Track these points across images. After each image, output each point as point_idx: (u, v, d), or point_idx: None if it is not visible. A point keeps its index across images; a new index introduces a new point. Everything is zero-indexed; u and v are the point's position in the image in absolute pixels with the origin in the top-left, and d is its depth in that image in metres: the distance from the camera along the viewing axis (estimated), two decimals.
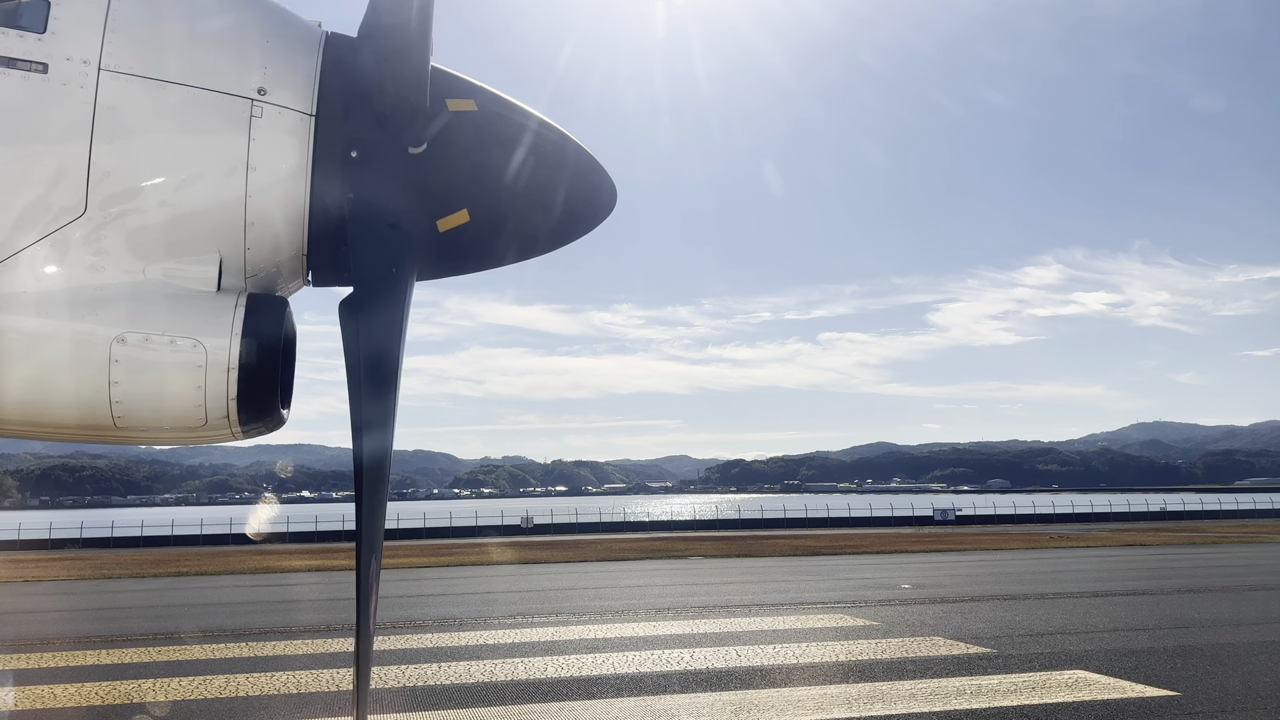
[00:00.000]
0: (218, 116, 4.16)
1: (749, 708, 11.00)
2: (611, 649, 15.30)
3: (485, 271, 5.17)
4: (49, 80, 4.00)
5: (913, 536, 58.61)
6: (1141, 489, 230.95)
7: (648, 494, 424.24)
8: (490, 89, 4.73)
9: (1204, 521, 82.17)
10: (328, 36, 4.49)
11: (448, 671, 13.47)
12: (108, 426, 4.16)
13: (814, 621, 18.45)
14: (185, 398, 4.11)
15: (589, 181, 4.95)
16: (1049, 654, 14.12)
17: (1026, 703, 10.93)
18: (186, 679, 13.15)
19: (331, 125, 4.32)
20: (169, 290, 4.17)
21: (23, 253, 4.02)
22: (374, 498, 4.14)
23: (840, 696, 11.47)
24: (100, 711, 11.40)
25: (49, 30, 4.03)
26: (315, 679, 13.00)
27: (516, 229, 4.85)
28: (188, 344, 4.09)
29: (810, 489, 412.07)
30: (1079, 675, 12.43)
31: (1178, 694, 11.21)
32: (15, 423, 4.20)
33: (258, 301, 4.29)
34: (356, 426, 4.13)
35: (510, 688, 12.32)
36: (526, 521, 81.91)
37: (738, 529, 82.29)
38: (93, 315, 4.05)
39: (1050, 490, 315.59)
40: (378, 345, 4.19)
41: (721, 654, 14.59)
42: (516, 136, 4.68)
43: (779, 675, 12.86)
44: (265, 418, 4.36)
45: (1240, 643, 14.97)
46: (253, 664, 14.47)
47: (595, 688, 12.25)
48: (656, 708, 11.10)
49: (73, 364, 4.04)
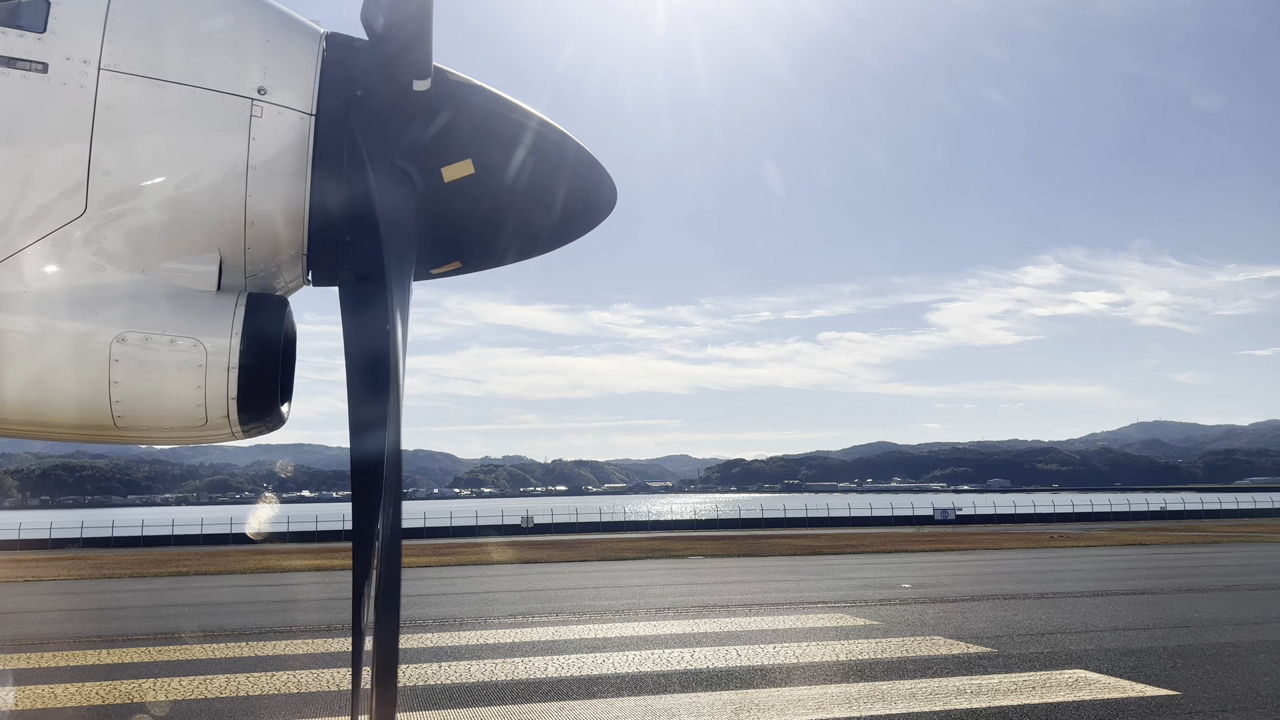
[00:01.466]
0: (218, 116, 4.16)
1: (749, 707, 11.00)
2: (611, 648, 15.30)
3: (485, 271, 5.19)
4: (49, 80, 4.00)
5: (913, 536, 58.60)
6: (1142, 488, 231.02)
7: (648, 493, 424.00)
8: (490, 88, 4.73)
9: (1204, 521, 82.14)
10: (328, 36, 4.49)
11: (448, 671, 13.47)
12: (108, 426, 4.16)
13: (814, 621, 18.46)
14: (185, 397, 4.10)
15: (589, 181, 4.95)
16: (1049, 653, 14.12)
17: (1027, 702, 10.93)
18: (187, 679, 13.16)
19: (332, 124, 4.31)
20: (169, 290, 4.16)
21: (23, 252, 4.01)
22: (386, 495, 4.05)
23: (840, 696, 11.47)
24: (101, 711, 11.41)
25: (49, 30, 4.02)
26: (315, 679, 13.01)
27: (517, 225, 4.85)
28: (188, 343, 4.08)
29: (810, 489, 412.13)
30: (1079, 675, 12.44)
31: (1178, 693, 11.22)
32: (16, 422, 4.20)
33: (258, 301, 4.29)
34: (356, 424, 4.11)
35: (510, 687, 12.33)
36: (526, 521, 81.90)
37: (738, 529, 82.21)
38: (93, 315, 4.05)
39: (1050, 490, 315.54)
40: (379, 341, 4.18)
41: (721, 653, 14.60)
42: (517, 135, 4.68)
43: (779, 675, 12.86)
44: (265, 417, 4.35)
45: (1240, 642, 14.98)
46: (253, 664, 14.48)
47: (595, 687, 12.26)
48: (656, 707, 11.10)
49: (73, 363, 4.04)
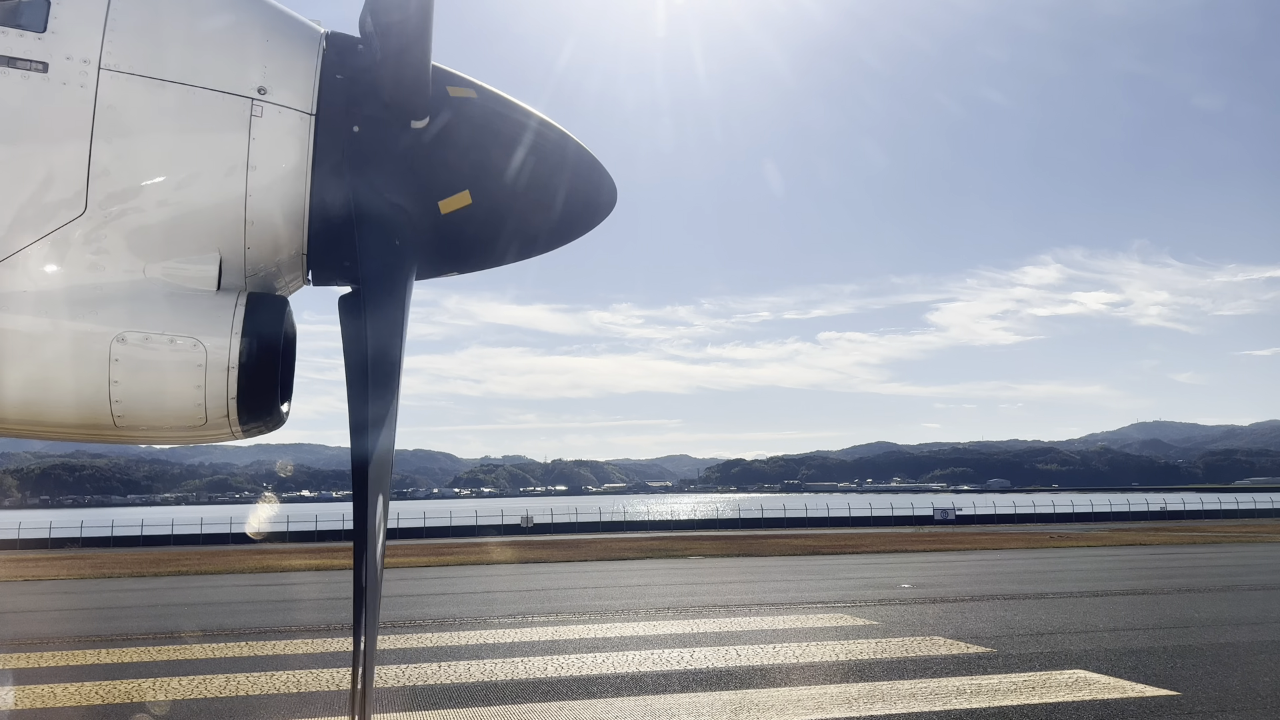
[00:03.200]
0: (218, 116, 4.15)
1: (748, 707, 11.00)
2: (611, 648, 15.30)
3: (485, 271, 5.18)
4: (49, 79, 3.99)
5: (913, 536, 58.59)
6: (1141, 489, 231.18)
7: (647, 493, 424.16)
8: (491, 88, 4.73)
9: (1204, 521, 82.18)
10: (328, 35, 4.48)
11: (447, 671, 13.47)
12: (108, 426, 4.15)
13: (814, 621, 18.46)
14: (185, 397, 4.10)
15: (589, 180, 4.94)
16: (1049, 653, 14.12)
17: (1026, 702, 10.93)
18: (186, 678, 13.15)
19: (332, 124, 4.30)
20: (169, 289, 4.16)
21: (22, 252, 4.01)
22: (375, 497, 4.08)
23: (840, 696, 11.47)
24: (100, 711, 11.40)
25: (49, 29, 4.01)
26: (315, 678, 13.00)
27: (517, 225, 4.84)
28: (188, 343, 4.08)
29: (810, 488, 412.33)
30: (1079, 675, 12.43)
31: (1177, 693, 11.22)
32: (15, 422, 4.19)
33: (258, 301, 4.28)
34: (355, 425, 4.10)
35: (510, 687, 12.32)
36: (526, 521, 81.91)
37: (737, 528, 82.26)
38: (93, 314, 4.04)
39: (1050, 490, 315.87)
40: (378, 343, 4.16)
41: (721, 653, 14.59)
42: (517, 134, 4.67)
43: (778, 675, 12.86)
44: (265, 417, 4.34)
45: (1240, 642, 14.98)
46: (253, 663, 14.47)
47: (595, 687, 12.26)
48: (656, 707, 11.10)
49: (73, 363, 4.03)
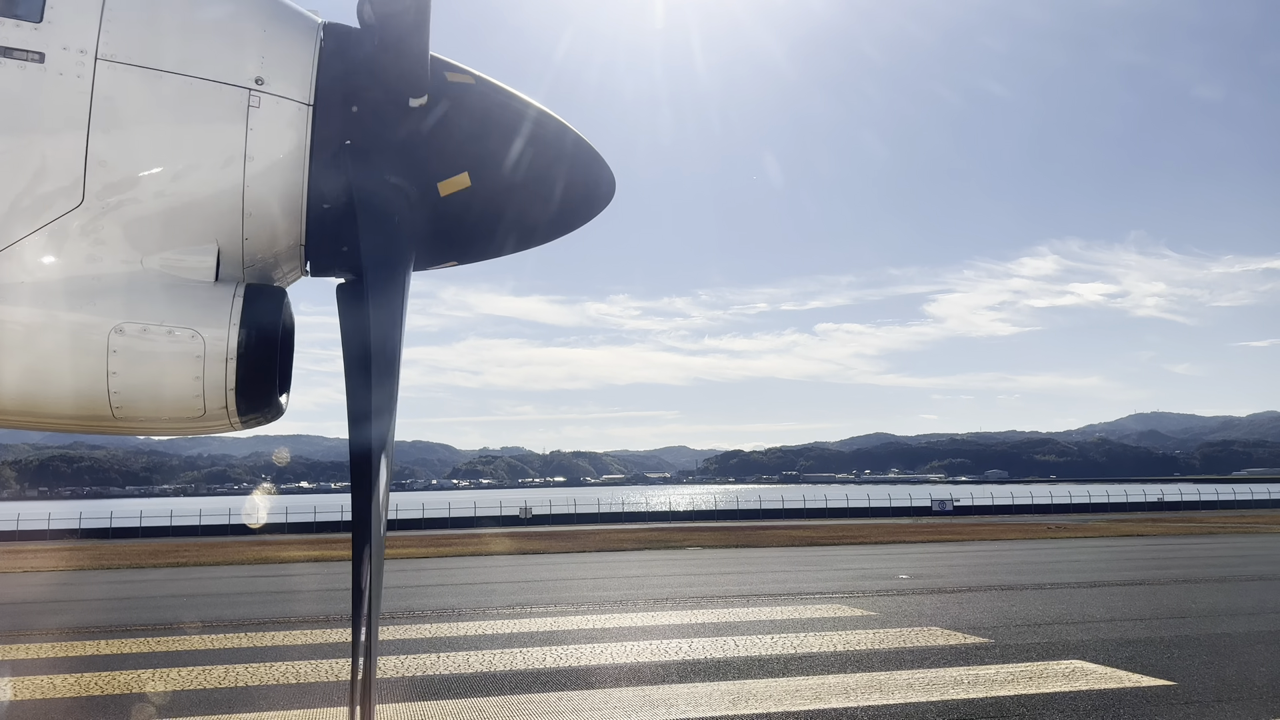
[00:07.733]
0: (215, 106, 4.13)
1: (747, 697, 11.03)
2: (610, 639, 15.34)
3: (484, 262, 5.17)
4: (46, 70, 3.97)
5: (910, 527, 58.67)
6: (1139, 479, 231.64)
7: (646, 485, 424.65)
8: (490, 78, 4.71)
9: (1201, 512, 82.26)
10: (325, 26, 4.47)
11: (447, 661, 13.51)
12: (106, 417, 4.15)
13: (812, 612, 18.50)
14: (183, 388, 4.09)
15: (588, 171, 4.93)
16: (1046, 644, 14.16)
17: (1024, 692, 10.96)
18: (186, 669, 13.18)
19: (329, 115, 4.29)
20: (167, 280, 4.15)
21: (20, 243, 4.00)
22: (374, 487, 4.08)
23: (838, 686, 11.50)
24: (100, 701, 11.42)
25: (45, 19, 3.99)
26: (314, 669, 13.03)
27: (515, 212, 4.83)
28: (186, 334, 4.07)
29: (808, 479, 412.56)
30: (1076, 665, 12.47)
31: (1174, 684, 11.26)
32: (14, 413, 4.19)
33: (256, 292, 4.27)
34: (355, 415, 4.10)
35: (509, 678, 12.36)
36: (525, 512, 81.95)
37: (736, 520, 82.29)
38: (90, 306, 4.03)
39: (1048, 481, 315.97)
40: (378, 331, 4.15)
41: (719, 644, 14.64)
42: (516, 122, 4.66)
43: (777, 665, 12.90)
44: (264, 408, 4.34)
45: (1236, 633, 15.03)
46: (252, 654, 14.50)
47: (594, 677, 12.29)
48: (655, 697, 11.13)
49: (71, 354, 4.02)
